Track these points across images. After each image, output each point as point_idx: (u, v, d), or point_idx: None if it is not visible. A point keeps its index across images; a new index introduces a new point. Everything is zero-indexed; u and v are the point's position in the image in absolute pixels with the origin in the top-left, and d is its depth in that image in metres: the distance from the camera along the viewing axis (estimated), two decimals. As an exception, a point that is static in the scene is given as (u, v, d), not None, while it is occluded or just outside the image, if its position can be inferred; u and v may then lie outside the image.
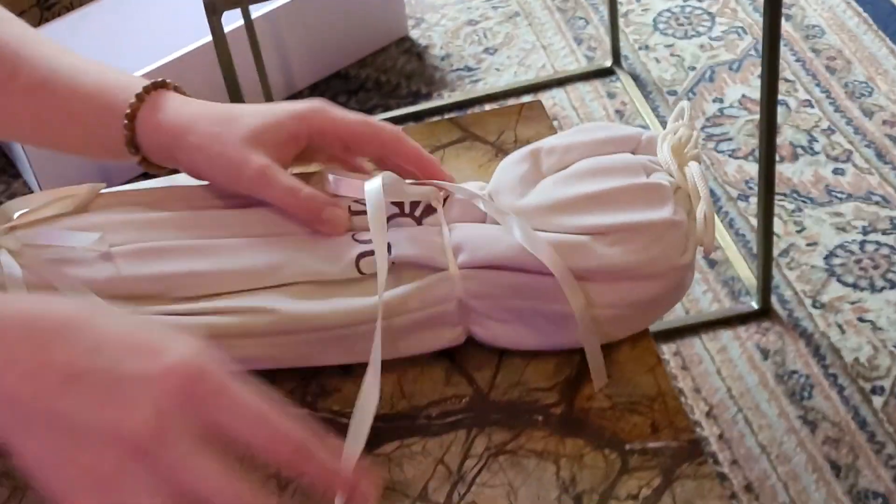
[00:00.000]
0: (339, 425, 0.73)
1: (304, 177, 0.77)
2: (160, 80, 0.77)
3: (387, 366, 0.70)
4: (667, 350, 1.67)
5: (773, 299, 1.72)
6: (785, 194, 1.87)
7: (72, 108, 0.78)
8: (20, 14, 0.83)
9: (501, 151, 0.89)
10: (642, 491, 0.68)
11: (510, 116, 0.93)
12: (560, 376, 0.74)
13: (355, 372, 0.75)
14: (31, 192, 1.95)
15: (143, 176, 1.99)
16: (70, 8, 2.19)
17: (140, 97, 0.76)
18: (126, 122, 0.76)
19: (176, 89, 0.78)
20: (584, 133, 0.77)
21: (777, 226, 1.80)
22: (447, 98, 2.12)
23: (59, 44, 0.81)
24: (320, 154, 0.79)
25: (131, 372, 0.52)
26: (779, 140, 1.95)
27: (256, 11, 1.99)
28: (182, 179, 0.91)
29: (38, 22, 2.15)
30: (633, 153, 0.76)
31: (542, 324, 0.73)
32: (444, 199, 0.76)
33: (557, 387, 0.74)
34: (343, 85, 2.18)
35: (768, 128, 1.52)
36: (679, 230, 0.71)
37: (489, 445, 0.71)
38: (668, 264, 0.71)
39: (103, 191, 0.80)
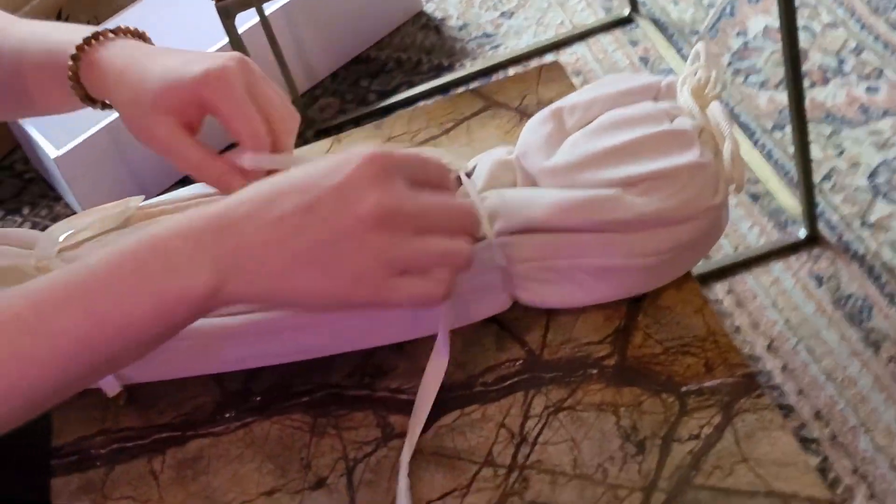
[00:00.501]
0: (398, 402, 0.74)
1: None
2: (102, 30, 0.78)
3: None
4: (720, 289, 1.67)
5: (821, 225, 1.71)
6: (820, 119, 1.86)
7: (26, 73, 0.80)
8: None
9: (525, 115, 0.90)
10: (703, 430, 0.69)
11: (530, 80, 0.94)
12: (609, 328, 0.75)
13: (407, 350, 0.76)
14: (74, 212, 1.98)
15: (178, 183, 2.01)
16: (89, 24, 2.22)
17: (76, 57, 0.77)
18: (70, 74, 0.77)
19: (127, 34, 0.79)
20: (603, 87, 0.77)
21: (816, 151, 1.79)
22: (469, 67, 2.12)
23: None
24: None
25: (340, 180, 0.62)
26: (807, 65, 1.94)
27: (270, 8, 2.00)
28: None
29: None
30: (654, 101, 0.76)
31: (584, 279, 0.74)
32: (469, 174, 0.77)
33: (608, 339, 0.75)
34: (364, 69, 2.19)
35: (792, 55, 1.50)
36: (708, 171, 0.72)
37: (548, 404, 0.72)
38: (701, 206, 0.72)
39: (142, 203, 0.82)
